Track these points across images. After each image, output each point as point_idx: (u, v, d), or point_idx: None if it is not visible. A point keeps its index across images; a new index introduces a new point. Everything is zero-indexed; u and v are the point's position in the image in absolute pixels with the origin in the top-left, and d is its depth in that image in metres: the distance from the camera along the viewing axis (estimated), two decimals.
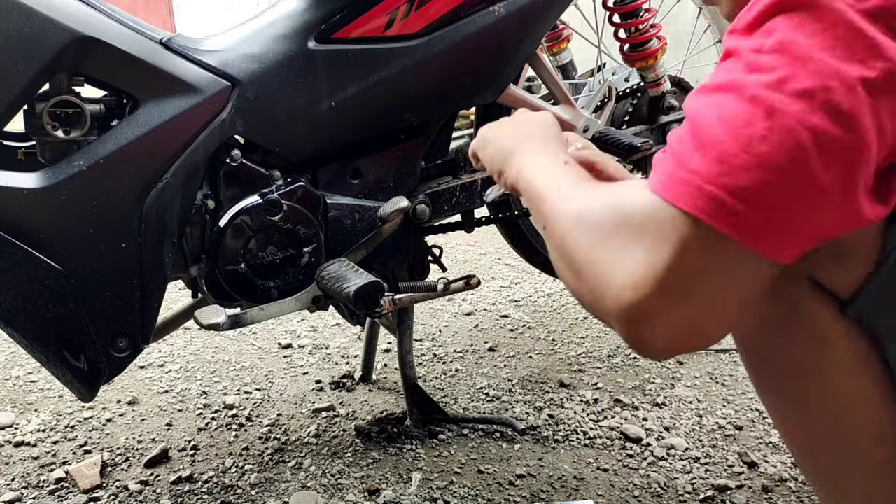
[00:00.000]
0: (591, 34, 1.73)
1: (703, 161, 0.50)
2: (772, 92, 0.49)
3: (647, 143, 1.47)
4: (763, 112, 0.49)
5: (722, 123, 0.50)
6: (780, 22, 0.51)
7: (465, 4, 1.23)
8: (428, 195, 1.33)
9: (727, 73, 0.53)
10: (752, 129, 0.49)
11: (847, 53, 0.49)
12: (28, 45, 0.96)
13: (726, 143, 0.50)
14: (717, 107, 0.52)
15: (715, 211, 0.49)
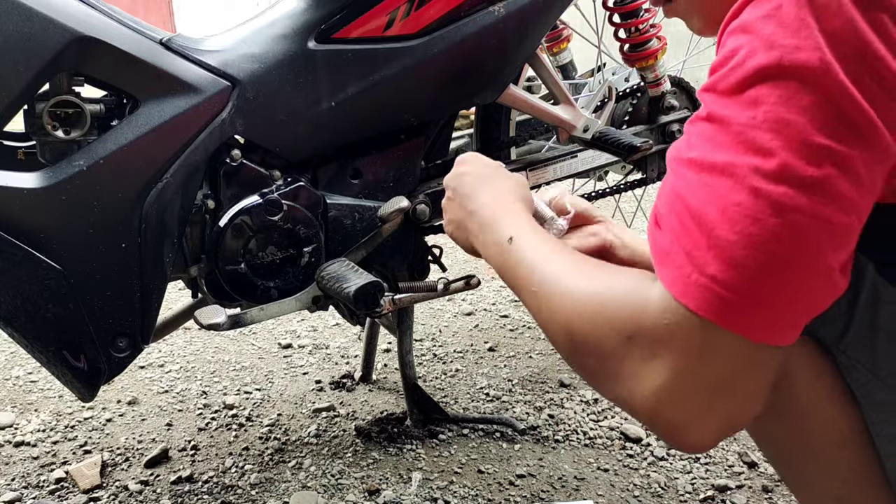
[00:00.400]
0: (591, 34, 1.73)
1: (719, 265, 0.49)
2: (775, 184, 0.48)
3: (646, 143, 1.47)
4: (770, 208, 0.48)
5: (728, 220, 0.49)
6: (769, 92, 0.49)
7: (465, 4, 1.23)
8: (428, 195, 1.33)
9: (717, 149, 0.51)
10: (761, 228, 0.48)
11: (845, 132, 0.48)
12: (28, 45, 0.96)
13: (737, 245, 0.48)
14: (716, 195, 0.50)
15: (741, 321, 0.49)
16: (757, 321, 0.49)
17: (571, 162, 1.52)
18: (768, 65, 0.49)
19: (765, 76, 0.49)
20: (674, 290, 0.51)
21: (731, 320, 0.49)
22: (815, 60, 0.47)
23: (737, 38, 0.51)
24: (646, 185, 1.72)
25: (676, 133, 1.67)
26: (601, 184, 1.84)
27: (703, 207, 0.50)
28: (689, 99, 1.72)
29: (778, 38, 0.49)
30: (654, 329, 0.52)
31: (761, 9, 0.50)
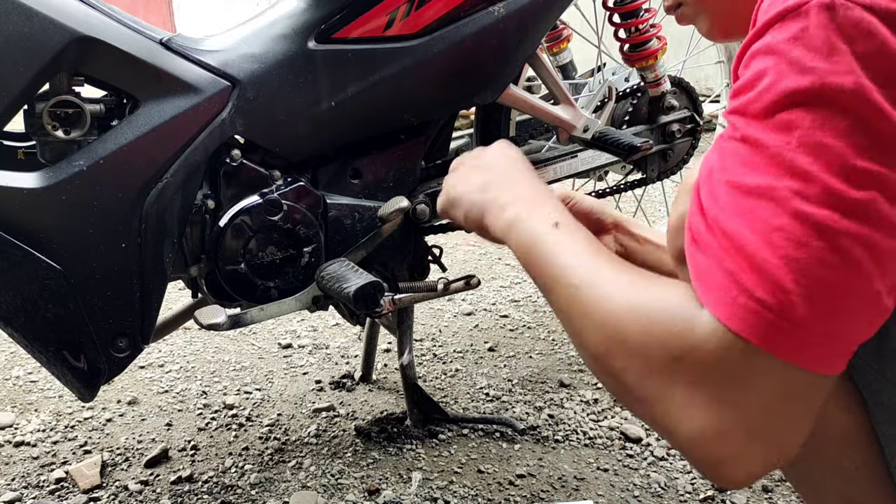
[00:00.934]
0: (591, 34, 1.73)
1: (765, 289, 0.48)
2: (819, 208, 0.47)
3: (647, 143, 1.47)
4: (815, 232, 0.47)
5: (770, 244, 0.48)
6: (803, 116, 0.48)
7: (465, 4, 1.23)
8: (428, 195, 1.33)
9: (754, 172, 0.50)
10: (807, 252, 0.47)
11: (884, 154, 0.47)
12: (28, 45, 0.96)
13: (783, 269, 0.47)
14: (757, 218, 0.49)
15: (791, 347, 0.48)
16: (805, 347, 0.48)
17: (571, 162, 1.52)
18: (800, 88, 0.48)
19: (797, 100, 0.48)
20: (719, 312, 0.50)
21: (779, 345, 0.48)
22: (849, 83, 0.47)
23: (763, 61, 0.51)
24: (646, 185, 1.72)
25: (676, 133, 1.67)
26: (601, 184, 1.84)
27: (744, 232, 0.49)
28: (690, 99, 1.72)
29: (807, 62, 0.48)
30: (703, 353, 0.50)
31: (786, 31, 0.49)
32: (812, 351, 0.48)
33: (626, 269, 0.59)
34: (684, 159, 1.70)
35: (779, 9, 0.50)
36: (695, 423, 0.50)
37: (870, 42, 0.47)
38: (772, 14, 0.51)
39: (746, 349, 0.49)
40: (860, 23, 0.47)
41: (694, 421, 0.50)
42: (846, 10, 0.47)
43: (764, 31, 0.51)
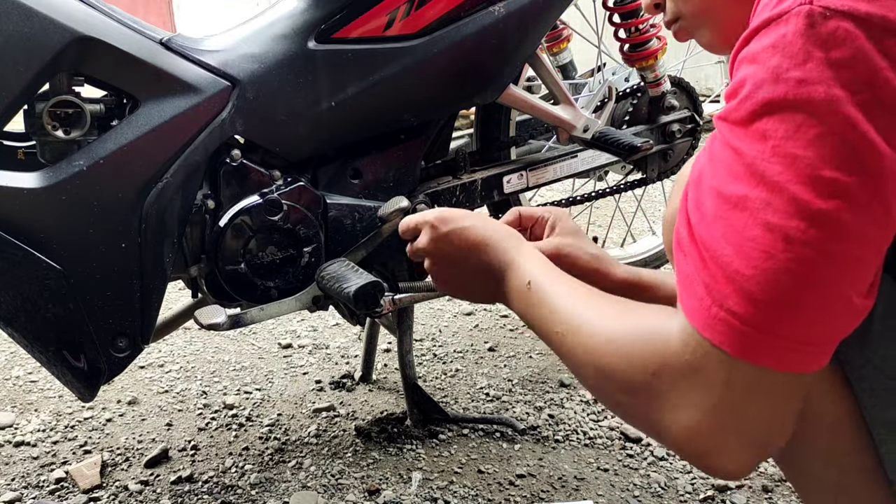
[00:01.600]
0: (591, 34, 1.73)
1: (737, 300, 0.50)
2: (787, 219, 0.48)
3: (647, 143, 1.47)
4: (782, 243, 0.49)
5: (743, 255, 0.50)
6: (776, 126, 0.49)
7: (465, 4, 1.23)
8: (428, 195, 1.33)
9: (733, 180, 0.51)
10: (775, 263, 0.49)
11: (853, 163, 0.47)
12: (28, 44, 0.96)
13: (753, 280, 0.49)
14: (732, 229, 0.51)
15: (763, 354, 0.50)
16: (779, 353, 0.50)
17: (571, 162, 1.52)
18: (773, 98, 0.49)
19: (771, 109, 0.49)
20: (695, 321, 0.52)
21: (753, 354, 0.50)
22: (820, 93, 0.47)
23: (746, 68, 0.52)
24: (646, 185, 1.72)
25: (676, 133, 1.67)
26: (601, 184, 1.84)
27: (720, 241, 0.51)
28: (690, 99, 1.72)
29: (783, 71, 0.49)
30: (678, 364, 0.53)
31: (767, 38, 0.50)
32: (788, 356, 0.50)
33: (602, 303, 0.64)
34: (684, 159, 1.70)
35: (765, 16, 0.51)
36: (678, 426, 0.54)
37: (845, 49, 0.47)
38: (759, 21, 0.52)
39: (721, 357, 0.51)
40: (837, 30, 0.47)
41: (677, 424, 0.54)
42: (825, 17, 0.48)
43: (750, 37, 0.52)
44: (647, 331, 0.57)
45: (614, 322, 0.60)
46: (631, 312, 0.61)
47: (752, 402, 0.52)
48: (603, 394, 0.61)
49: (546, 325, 0.67)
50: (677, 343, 0.54)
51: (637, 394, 0.56)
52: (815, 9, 0.48)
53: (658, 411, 0.55)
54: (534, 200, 1.85)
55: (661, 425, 0.55)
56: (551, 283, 0.69)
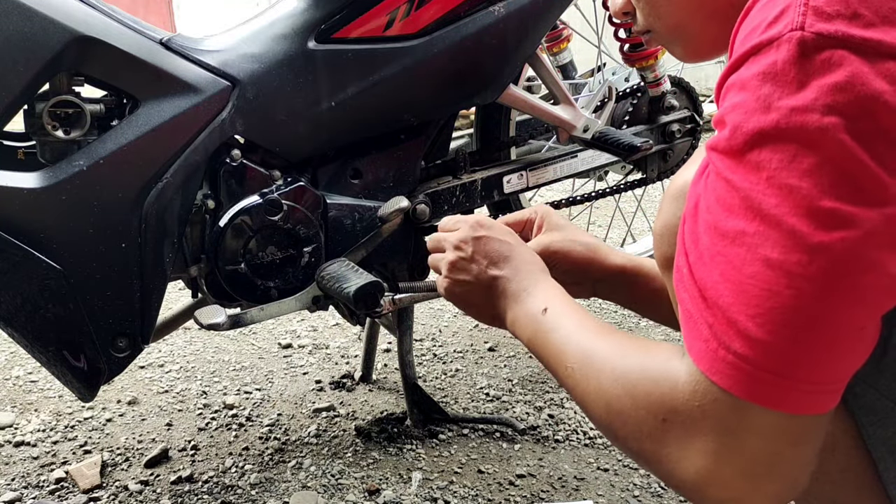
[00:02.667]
0: (591, 34, 1.73)
1: (742, 342, 0.48)
2: (787, 253, 0.47)
3: (647, 143, 1.47)
4: (784, 279, 0.47)
5: (744, 294, 0.48)
6: (770, 156, 0.47)
7: (465, 4, 1.23)
8: (428, 195, 1.33)
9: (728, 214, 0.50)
10: (779, 301, 0.47)
11: (851, 192, 0.46)
12: (28, 44, 0.96)
13: (757, 320, 0.48)
14: (731, 266, 0.49)
15: (774, 397, 0.48)
16: (792, 395, 0.48)
17: (571, 162, 1.52)
18: (765, 128, 0.47)
19: (763, 139, 0.48)
20: (701, 364, 0.51)
21: (764, 397, 0.48)
22: (814, 121, 0.46)
23: (735, 95, 0.50)
24: (646, 185, 1.72)
25: (676, 133, 1.67)
26: (601, 184, 1.84)
27: (719, 280, 0.50)
28: (689, 99, 1.72)
29: (774, 99, 0.47)
30: (687, 410, 0.51)
31: (758, 65, 0.49)
32: (800, 397, 0.48)
33: (612, 340, 0.62)
34: (684, 159, 1.70)
35: (753, 42, 0.49)
36: (690, 473, 0.52)
37: (839, 75, 0.45)
38: (747, 47, 0.50)
39: (733, 403, 0.49)
40: (831, 57, 0.46)
41: (689, 472, 0.52)
42: (817, 44, 0.46)
43: (739, 63, 0.51)
44: (656, 373, 0.55)
45: (625, 360, 0.58)
46: (643, 351, 0.58)
47: (769, 446, 0.50)
48: (613, 435, 0.59)
49: (556, 358, 0.65)
50: (686, 387, 0.52)
51: (647, 439, 0.54)
52: (807, 35, 0.46)
53: (670, 459, 0.53)
54: (534, 200, 1.85)
55: (675, 473, 0.53)
56: (567, 315, 0.68)
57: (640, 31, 0.73)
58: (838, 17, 0.46)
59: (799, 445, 0.51)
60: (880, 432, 0.58)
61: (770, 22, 0.49)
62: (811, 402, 0.49)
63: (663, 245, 0.65)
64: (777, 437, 0.50)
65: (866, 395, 0.58)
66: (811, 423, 0.50)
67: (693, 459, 0.51)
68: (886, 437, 0.58)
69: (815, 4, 0.47)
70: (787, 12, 0.48)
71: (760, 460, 0.50)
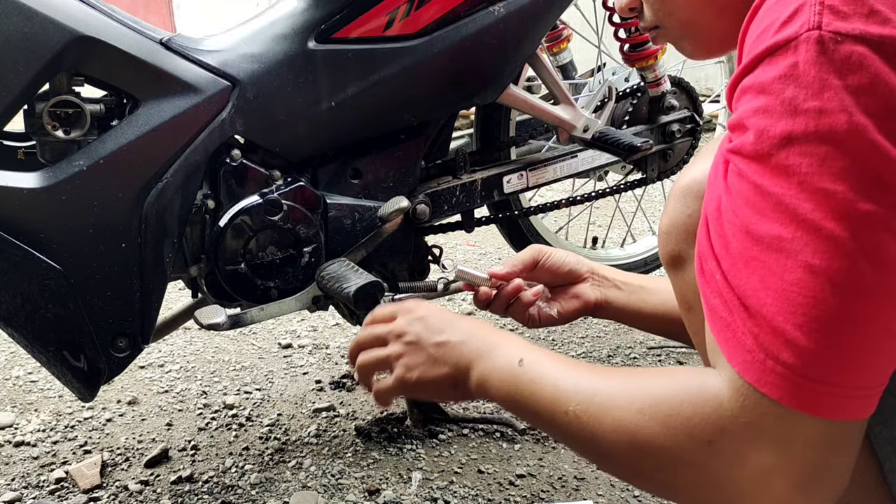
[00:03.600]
0: (591, 34, 1.73)
1: (791, 352, 0.47)
2: (828, 259, 0.46)
3: (647, 143, 1.47)
4: (829, 286, 0.46)
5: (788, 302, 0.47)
6: (799, 160, 0.46)
7: (465, 4, 1.23)
8: (428, 195, 1.33)
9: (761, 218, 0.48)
10: (824, 309, 0.46)
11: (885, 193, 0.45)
12: (28, 44, 0.96)
13: (804, 329, 0.47)
14: (770, 272, 0.48)
15: (827, 406, 0.48)
16: (838, 402, 0.48)
17: (571, 162, 1.52)
18: (793, 132, 0.47)
19: (791, 142, 0.47)
20: (748, 375, 0.49)
21: (813, 406, 0.48)
22: (842, 123, 0.45)
23: (755, 99, 0.49)
24: (646, 185, 1.72)
25: (676, 133, 1.67)
26: (601, 184, 1.84)
27: (759, 287, 0.49)
28: (690, 99, 1.72)
29: (800, 102, 0.46)
30: (737, 428, 0.50)
31: (777, 68, 0.48)
32: (845, 404, 0.48)
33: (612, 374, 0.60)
34: (684, 159, 1.70)
35: (768, 43, 0.48)
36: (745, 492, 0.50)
37: (863, 74, 0.45)
38: (761, 48, 0.49)
39: (783, 413, 0.48)
40: (851, 55, 0.45)
41: (744, 490, 0.50)
42: (836, 43, 0.45)
43: (753, 65, 0.50)
44: (693, 396, 0.52)
45: (646, 391, 0.55)
46: (660, 378, 0.56)
47: (818, 456, 0.49)
48: (639, 474, 0.56)
49: (550, 405, 0.60)
50: (733, 404, 0.50)
51: (688, 466, 0.52)
52: (825, 34, 0.46)
53: (719, 481, 0.51)
54: (534, 200, 1.85)
55: (723, 494, 0.51)
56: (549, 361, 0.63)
57: (647, 26, 0.72)
58: (855, 16, 0.46)
59: (843, 453, 0.50)
60: (886, 431, 0.58)
61: (784, 21, 0.48)
62: (854, 408, 0.49)
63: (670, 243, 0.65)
64: (824, 445, 0.49)
65: None
66: (853, 429, 0.50)
67: (747, 477, 0.50)
68: (892, 436, 0.58)
69: (831, 3, 0.46)
70: (801, 11, 0.47)
71: (811, 470, 0.50)
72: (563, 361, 0.64)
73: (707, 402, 0.51)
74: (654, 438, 0.53)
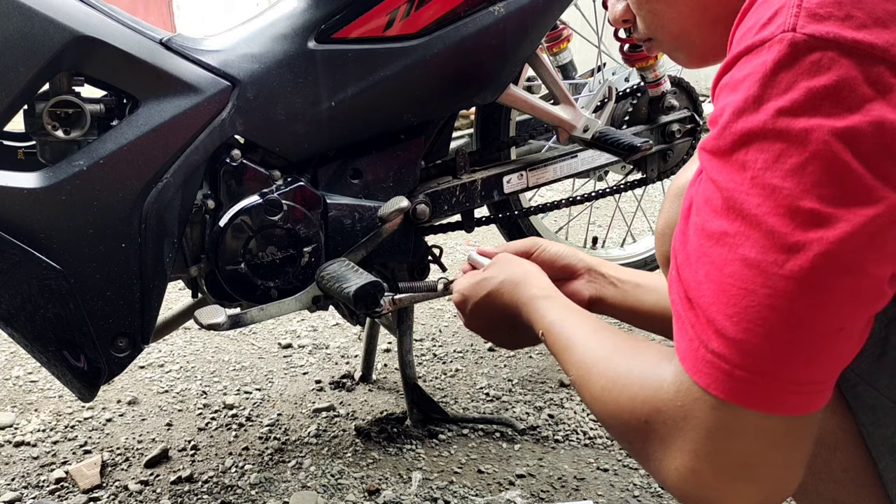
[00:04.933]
0: (591, 34, 1.73)
1: (720, 341, 0.48)
2: (764, 253, 0.47)
3: (646, 143, 1.47)
4: (761, 278, 0.47)
5: (723, 293, 0.48)
6: (755, 156, 0.48)
7: (465, 4, 1.23)
8: (428, 195, 1.33)
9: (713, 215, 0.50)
10: (755, 300, 0.47)
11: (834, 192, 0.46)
12: (28, 44, 0.96)
13: (735, 319, 0.48)
14: (713, 266, 0.49)
15: (755, 397, 0.48)
16: (774, 395, 0.48)
17: (571, 162, 1.52)
18: (752, 128, 0.48)
19: (750, 139, 0.48)
20: (685, 363, 0.51)
21: (742, 397, 0.48)
22: (800, 122, 0.46)
23: (726, 96, 0.50)
24: (646, 185, 1.72)
25: (676, 133, 1.67)
26: (601, 184, 1.84)
27: (702, 280, 0.50)
28: (689, 99, 1.72)
29: (763, 101, 0.47)
30: (671, 410, 0.52)
31: (748, 66, 0.49)
32: (783, 398, 0.48)
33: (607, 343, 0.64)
34: (684, 159, 1.70)
35: (747, 43, 0.50)
36: (673, 474, 0.52)
37: (829, 76, 0.46)
38: (740, 47, 0.50)
39: (713, 402, 0.49)
40: (821, 59, 0.46)
41: (671, 472, 0.53)
42: (808, 45, 0.46)
43: (731, 64, 0.51)
44: (641, 375, 0.56)
45: (611, 364, 0.60)
46: (631, 354, 0.60)
47: (748, 447, 0.50)
48: (607, 429, 0.62)
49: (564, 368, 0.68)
50: (670, 388, 0.52)
51: (635, 439, 0.56)
52: (798, 36, 0.46)
53: (655, 458, 0.54)
54: (534, 200, 1.85)
55: (660, 471, 0.54)
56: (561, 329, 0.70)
57: (641, 38, 0.73)
58: (831, 19, 0.46)
59: (781, 447, 0.50)
60: (880, 431, 0.58)
61: (764, 23, 0.49)
62: (791, 403, 0.49)
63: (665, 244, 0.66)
64: (756, 437, 0.50)
65: (867, 394, 0.58)
66: (794, 425, 0.50)
67: (673, 458, 0.52)
68: (886, 436, 0.58)
69: (808, 6, 0.47)
70: (780, 13, 0.48)
71: (739, 460, 0.50)
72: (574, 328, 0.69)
73: (651, 384, 0.55)
74: (612, 409, 0.58)
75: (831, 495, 0.63)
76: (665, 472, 0.53)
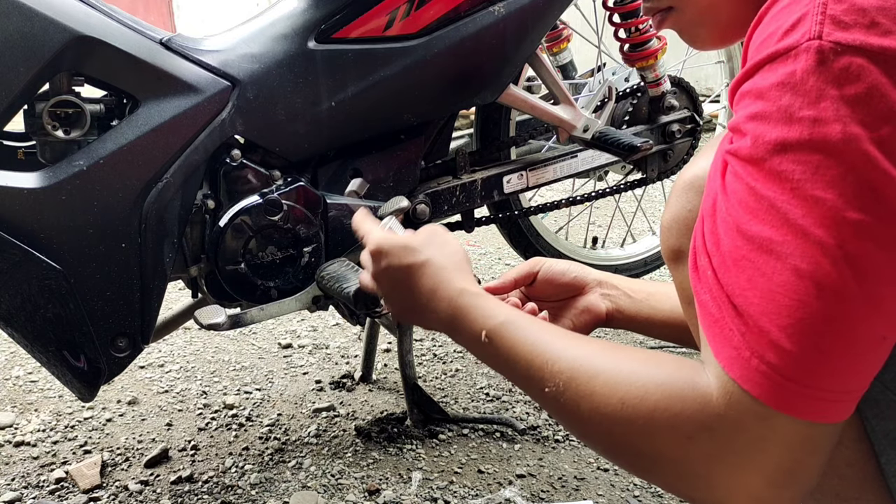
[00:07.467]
0: (591, 34, 1.73)
1: (775, 353, 0.48)
2: (815, 264, 0.47)
3: (647, 143, 1.47)
4: (814, 289, 0.47)
5: (775, 304, 0.48)
6: (793, 167, 0.47)
7: (465, 4, 1.23)
8: (428, 195, 1.33)
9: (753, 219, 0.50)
10: (809, 312, 0.47)
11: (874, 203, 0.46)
12: (28, 44, 0.96)
13: (788, 330, 0.48)
14: (760, 273, 0.49)
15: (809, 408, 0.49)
16: (816, 404, 0.49)
17: (571, 162, 1.53)
18: (788, 139, 0.48)
19: (785, 149, 0.48)
20: (732, 372, 0.50)
21: (792, 406, 0.49)
22: (836, 132, 0.46)
23: (753, 105, 0.50)
24: (646, 185, 1.72)
25: (676, 133, 1.67)
26: (601, 184, 1.84)
27: (747, 287, 0.50)
28: (690, 99, 1.72)
29: (796, 110, 0.47)
30: (721, 425, 0.51)
31: (775, 74, 0.49)
32: (823, 406, 0.49)
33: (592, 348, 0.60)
34: (684, 159, 1.70)
35: (770, 50, 0.49)
36: (720, 486, 0.51)
37: (860, 85, 0.46)
38: (763, 55, 0.50)
39: (764, 412, 0.49)
40: (850, 66, 0.46)
41: (720, 485, 0.51)
42: (836, 53, 0.46)
43: (754, 70, 0.51)
44: (681, 388, 0.53)
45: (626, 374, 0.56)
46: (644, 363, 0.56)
47: (792, 455, 0.50)
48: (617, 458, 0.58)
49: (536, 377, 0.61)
50: (720, 400, 0.51)
51: (668, 462, 0.53)
52: (825, 44, 0.46)
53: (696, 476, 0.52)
54: (534, 200, 1.85)
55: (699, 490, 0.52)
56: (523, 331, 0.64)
57: (659, 7, 0.70)
58: (856, 26, 0.46)
59: (816, 453, 0.51)
60: (883, 425, 0.59)
61: (787, 30, 0.49)
62: (832, 411, 0.49)
63: (671, 237, 0.65)
64: (800, 445, 0.50)
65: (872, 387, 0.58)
66: (828, 431, 0.50)
67: (723, 472, 0.51)
68: (889, 429, 0.58)
69: (833, 13, 0.47)
70: (804, 20, 0.48)
71: (784, 469, 0.50)
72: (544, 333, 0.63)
73: (696, 399, 0.52)
74: (635, 431, 0.54)
75: (835, 490, 0.63)
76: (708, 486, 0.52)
